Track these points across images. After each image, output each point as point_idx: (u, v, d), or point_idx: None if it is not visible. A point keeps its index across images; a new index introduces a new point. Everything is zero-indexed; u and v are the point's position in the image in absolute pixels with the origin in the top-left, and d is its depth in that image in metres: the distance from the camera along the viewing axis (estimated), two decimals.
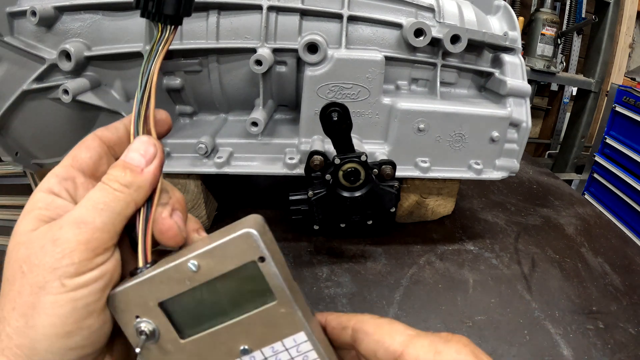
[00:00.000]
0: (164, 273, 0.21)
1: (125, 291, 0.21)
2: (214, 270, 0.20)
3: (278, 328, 0.22)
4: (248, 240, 0.20)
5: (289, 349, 0.22)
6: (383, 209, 0.52)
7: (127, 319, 0.21)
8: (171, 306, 0.21)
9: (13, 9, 0.48)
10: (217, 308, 0.21)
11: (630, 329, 0.48)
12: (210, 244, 0.20)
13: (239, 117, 0.59)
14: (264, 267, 0.20)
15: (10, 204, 1.17)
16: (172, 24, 0.26)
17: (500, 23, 0.59)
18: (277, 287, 0.21)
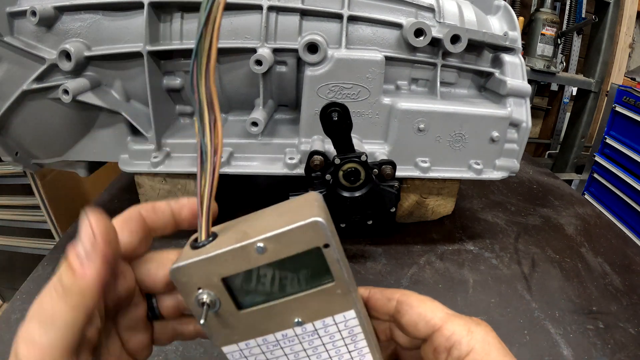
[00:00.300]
0: (230, 252, 0.21)
1: (190, 265, 0.22)
2: (279, 253, 0.21)
3: (331, 305, 0.23)
4: (316, 228, 0.21)
5: (337, 324, 0.24)
6: (383, 209, 0.52)
7: (189, 291, 0.22)
8: (233, 281, 0.22)
9: (13, 9, 0.48)
10: (276, 285, 0.23)
11: (630, 329, 0.48)
12: (279, 229, 0.21)
13: (239, 117, 0.59)
14: (327, 253, 0.22)
15: (10, 204, 1.17)
16: None
17: (500, 23, 0.59)
18: (337, 271, 0.22)
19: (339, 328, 0.24)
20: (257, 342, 0.24)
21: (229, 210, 0.69)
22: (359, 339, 0.25)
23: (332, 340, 0.25)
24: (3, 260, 1.29)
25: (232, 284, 0.22)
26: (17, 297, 0.48)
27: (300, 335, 0.24)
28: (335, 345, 0.25)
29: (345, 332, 0.24)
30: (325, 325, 0.24)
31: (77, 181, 1.21)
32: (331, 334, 0.24)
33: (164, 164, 0.54)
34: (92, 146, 0.57)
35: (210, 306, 0.22)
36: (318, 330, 0.24)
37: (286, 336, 0.24)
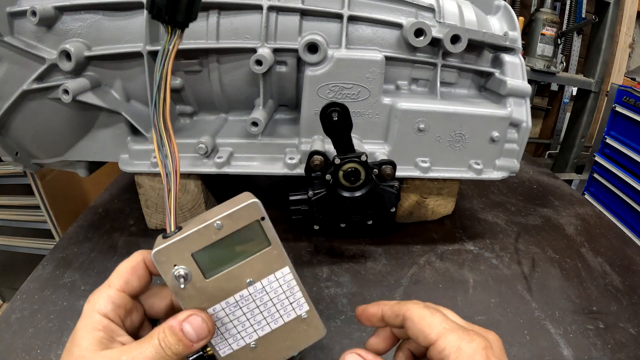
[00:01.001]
0: (197, 232, 0.29)
1: (168, 247, 0.29)
2: (232, 227, 0.30)
3: (271, 264, 0.31)
4: (255, 207, 0.30)
5: (278, 279, 0.32)
6: (383, 209, 0.52)
7: (167, 268, 0.29)
8: (199, 256, 0.29)
9: (13, 9, 0.48)
10: (231, 254, 0.30)
11: (630, 329, 0.48)
12: (229, 210, 0.29)
13: (239, 117, 0.59)
14: (264, 224, 0.30)
15: (10, 204, 1.17)
16: (180, 27, 0.31)
17: (500, 23, 0.59)
18: (272, 236, 0.31)
19: (279, 283, 0.32)
20: (221, 306, 0.31)
21: None
22: (295, 291, 0.32)
23: (277, 294, 0.32)
24: (3, 260, 1.29)
25: (199, 259, 0.30)
26: (17, 297, 0.48)
27: (253, 294, 0.31)
28: (280, 299, 0.32)
29: (285, 285, 0.32)
30: (270, 282, 0.32)
31: (77, 181, 1.21)
32: (275, 289, 0.32)
33: None
34: (92, 146, 0.57)
35: (185, 278, 0.29)
36: (265, 287, 0.32)
37: (242, 296, 0.31)
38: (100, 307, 0.29)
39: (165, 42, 0.30)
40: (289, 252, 0.57)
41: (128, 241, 0.59)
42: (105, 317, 0.29)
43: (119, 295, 0.30)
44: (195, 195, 0.57)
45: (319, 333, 0.34)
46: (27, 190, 1.11)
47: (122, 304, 0.30)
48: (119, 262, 0.54)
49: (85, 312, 0.29)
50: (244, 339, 0.32)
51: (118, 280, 0.30)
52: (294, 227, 0.62)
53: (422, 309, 0.30)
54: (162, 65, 0.30)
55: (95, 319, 0.29)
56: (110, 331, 0.29)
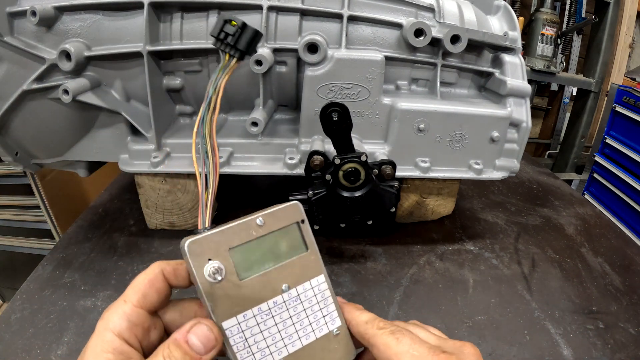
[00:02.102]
0: (238, 225, 0.28)
1: (206, 238, 0.27)
2: (273, 225, 0.29)
3: (308, 270, 0.30)
4: (296, 208, 0.30)
5: (313, 287, 0.30)
6: (383, 209, 0.52)
7: (201, 262, 0.27)
8: (236, 253, 0.28)
9: (13, 9, 0.48)
10: (268, 255, 0.29)
11: (630, 329, 0.48)
12: (272, 209, 0.30)
13: (239, 117, 0.59)
14: (303, 227, 0.30)
15: (10, 204, 1.17)
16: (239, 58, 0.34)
17: (500, 23, 0.59)
18: (310, 241, 0.30)
19: (314, 292, 0.30)
20: (253, 313, 0.28)
21: (229, 210, 0.69)
22: (329, 302, 0.31)
23: (311, 304, 0.30)
24: (3, 260, 1.29)
25: (236, 256, 0.28)
26: (17, 297, 0.48)
27: (287, 302, 0.29)
28: (313, 310, 0.30)
29: (320, 295, 0.31)
30: (305, 290, 0.30)
31: (77, 181, 1.21)
32: (309, 298, 0.30)
33: (164, 164, 0.54)
34: (92, 146, 0.57)
35: (220, 274, 0.27)
36: (300, 294, 0.30)
37: (276, 303, 0.29)
38: (115, 326, 0.26)
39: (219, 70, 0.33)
40: None
41: (128, 241, 0.59)
42: (119, 336, 0.26)
43: (136, 312, 0.27)
44: (195, 195, 0.57)
45: (349, 355, 0.31)
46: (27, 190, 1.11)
47: (138, 321, 0.27)
48: (119, 262, 0.54)
49: (98, 330, 0.26)
50: (272, 355, 0.29)
51: (135, 295, 0.27)
52: None
53: (387, 335, 0.29)
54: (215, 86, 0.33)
55: (106, 339, 0.26)
56: (120, 354, 0.26)
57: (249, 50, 0.34)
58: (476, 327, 0.47)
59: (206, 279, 0.27)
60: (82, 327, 0.45)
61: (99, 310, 0.47)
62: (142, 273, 0.28)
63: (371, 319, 0.32)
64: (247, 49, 0.34)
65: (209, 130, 0.33)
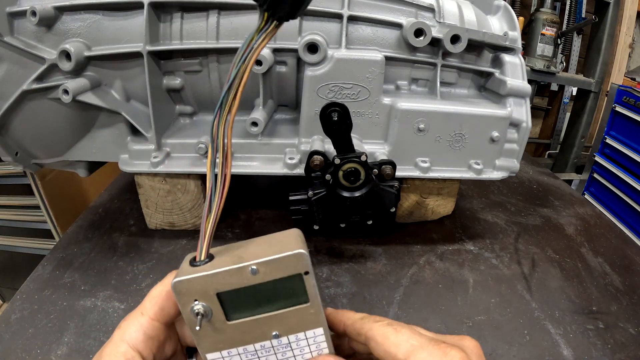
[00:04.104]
0: (228, 271, 0.25)
1: (191, 280, 0.25)
2: (269, 275, 0.26)
3: (304, 322, 0.27)
4: (300, 258, 0.26)
5: (308, 338, 0.28)
6: (383, 209, 0.52)
7: (187, 301, 0.26)
8: (225, 295, 0.26)
9: (13, 9, 0.48)
10: (262, 302, 0.27)
11: (630, 329, 0.48)
12: (271, 256, 0.26)
13: (239, 117, 0.59)
14: (306, 279, 0.26)
15: (10, 203, 1.17)
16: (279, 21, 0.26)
17: (500, 23, 0.59)
18: (312, 294, 0.27)
19: (308, 342, 0.28)
20: (238, 351, 0.28)
21: (229, 210, 0.69)
22: (324, 353, 0.29)
23: (302, 353, 0.29)
24: (3, 260, 1.29)
25: (225, 298, 0.26)
26: (17, 297, 0.48)
27: (275, 347, 0.28)
28: (304, 358, 0.29)
29: (314, 346, 0.29)
30: (298, 340, 0.28)
31: (77, 181, 1.20)
32: (301, 347, 0.28)
33: (163, 164, 0.54)
34: (92, 146, 0.57)
35: (204, 315, 0.26)
36: (291, 343, 0.28)
37: (264, 347, 0.28)
38: (131, 338, 0.26)
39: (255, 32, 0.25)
40: None
41: (128, 241, 0.59)
42: (134, 349, 0.26)
43: (153, 325, 0.27)
44: (195, 195, 0.57)
45: None
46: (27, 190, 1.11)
47: (155, 335, 0.27)
48: (119, 262, 0.54)
49: (114, 339, 0.27)
50: None
51: (152, 308, 0.27)
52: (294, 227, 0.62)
53: (384, 326, 0.28)
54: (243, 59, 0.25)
55: (120, 350, 0.26)
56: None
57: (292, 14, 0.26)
58: (476, 327, 0.47)
59: (191, 318, 0.26)
60: (82, 327, 0.45)
61: (99, 310, 0.47)
62: (159, 284, 0.28)
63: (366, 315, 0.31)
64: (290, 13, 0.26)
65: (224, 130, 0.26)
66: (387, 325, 0.28)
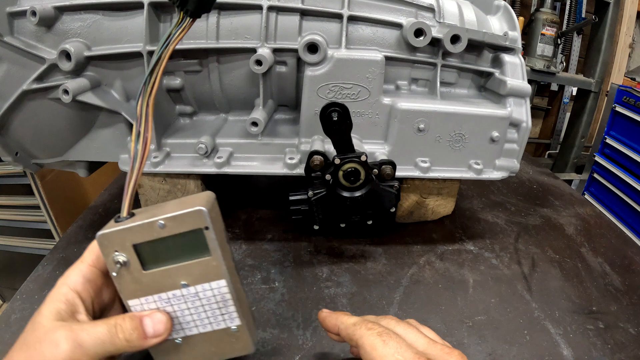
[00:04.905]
0: (140, 225, 0.30)
1: (111, 233, 0.30)
2: (174, 229, 0.30)
3: (209, 274, 0.31)
4: (200, 214, 0.30)
5: (212, 289, 0.32)
6: (383, 209, 0.52)
7: (109, 252, 0.30)
8: (140, 247, 0.30)
9: (13, 9, 0.48)
10: (171, 254, 0.31)
11: (630, 329, 0.48)
12: (176, 212, 0.30)
13: (239, 117, 0.59)
14: (207, 233, 0.30)
15: (10, 203, 1.17)
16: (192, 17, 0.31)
17: (500, 23, 0.59)
18: (213, 248, 0.31)
19: (213, 293, 0.32)
20: (153, 299, 0.32)
21: (229, 210, 0.69)
22: (229, 304, 0.33)
23: (209, 302, 0.32)
24: (3, 260, 1.29)
25: (140, 250, 0.30)
26: (17, 297, 0.48)
27: (185, 296, 0.32)
28: (211, 307, 0.33)
29: (219, 297, 0.32)
30: (204, 290, 0.32)
31: (77, 181, 1.21)
32: (208, 297, 0.32)
33: (163, 164, 0.54)
34: (92, 146, 0.57)
35: (123, 264, 0.30)
36: (199, 293, 0.32)
37: (175, 295, 0.32)
38: (71, 281, 0.30)
39: (173, 27, 0.31)
40: (288, 252, 0.57)
41: None
42: (73, 290, 0.30)
43: (90, 270, 0.31)
44: None
45: (246, 349, 0.35)
46: (27, 190, 1.11)
47: (92, 278, 0.31)
48: None
49: (57, 284, 0.31)
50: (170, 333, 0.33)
51: (90, 256, 0.32)
52: (294, 227, 0.62)
53: (374, 336, 0.30)
54: (163, 48, 0.31)
55: (62, 291, 0.30)
56: (72, 306, 0.30)
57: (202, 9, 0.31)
58: (476, 327, 0.47)
59: (112, 266, 0.30)
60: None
61: None
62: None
63: (359, 321, 0.33)
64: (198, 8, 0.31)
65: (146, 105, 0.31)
66: (376, 336, 0.30)
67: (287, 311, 0.47)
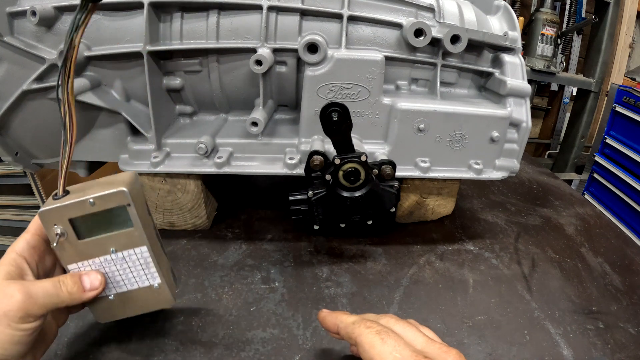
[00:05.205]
0: (74, 203, 0.35)
1: (50, 210, 0.35)
2: (102, 205, 0.36)
3: (133, 241, 0.38)
4: (123, 194, 0.36)
5: (137, 254, 0.39)
6: (383, 209, 0.52)
7: (49, 226, 0.35)
8: (75, 221, 0.36)
9: (13, 9, 0.48)
10: (101, 225, 0.37)
11: (630, 329, 0.48)
12: (103, 192, 0.35)
13: (239, 117, 0.59)
14: (129, 209, 0.36)
15: (10, 203, 1.17)
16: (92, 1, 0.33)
17: (500, 23, 0.59)
18: (134, 220, 0.37)
19: (137, 257, 0.39)
20: (88, 263, 0.38)
21: (229, 210, 0.69)
22: (150, 266, 0.39)
23: (134, 264, 0.39)
24: None
25: (76, 223, 0.36)
26: None
27: (114, 260, 0.38)
28: (137, 269, 0.39)
29: (142, 260, 0.39)
30: (130, 255, 0.38)
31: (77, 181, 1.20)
32: (133, 260, 0.39)
33: (164, 164, 0.54)
34: (92, 146, 0.57)
35: (61, 235, 0.35)
36: (125, 257, 0.38)
37: (106, 260, 0.38)
38: (18, 247, 0.35)
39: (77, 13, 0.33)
40: (288, 252, 0.57)
41: None
42: (20, 255, 0.34)
43: (34, 238, 0.36)
44: (195, 195, 0.57)
45: (167, 302, 0.42)
46: (27, 190, 1.11)
47: (36, 244, 0.36)
48: None
49: (6, 252, 0.35)
50: (104, 290, 0.39)
51: (33, 226, 0.36)
52: (294, 227, 0.62)
53: (373, 335, 0.30)
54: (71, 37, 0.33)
55: (11, 257, 0.34)
56: (20, 269, 0.34)
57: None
58: (476, 327, 0.47)
59: (54, 236, 0.35)
60: (82, 327, 0.45)
61: None
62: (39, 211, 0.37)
63: (358, 320, 0.33)
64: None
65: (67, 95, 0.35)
66: (375, 334, 0.30)
67: (287, 311, 0.47)
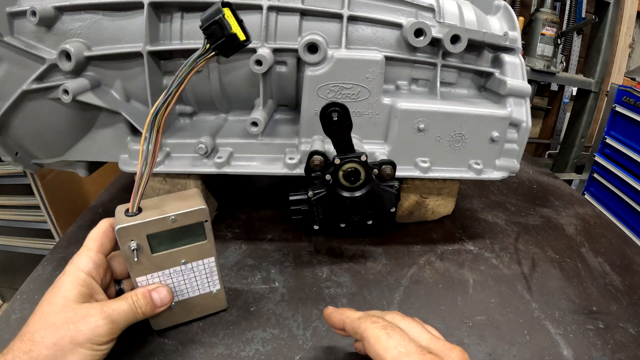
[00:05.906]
0: (156, 220, 0.37)
1: (130, 226, 0.37)
2: (183, 222, 0.38)
3: (203, 253, 0.41)
4: (203, 211, 0.39)
5: (204, 264, 0.42)
6: (383, 209, 0.52)
7: (125, 242, 0.37)
8: (152, 236, 0.38)
9: (13, 9, 0.48)
10: (176, 240, 0.39)
11: (630, 329, 0.48)
12: (184, 209, 0.38)
13: (239, 117, 0.59)
14: (206, 225, 0.40)
15: (10, 204, 1.17)
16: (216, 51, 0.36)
17: (500, 23, 0.59)
18: (209, 234, 0.40)
19: (204, 267, 0.42)
20: (157, 275, 0.40)
21: (229, 210, 0.69)
22: (214, 274, 0.43)
23: (200, 274, 0.42)
24: (3, 260, 1.29)
25: (151, 239, 0.38)
26: (17, 297, 0.48)
27: (183, 271, 0.41)
28: (201, 277, 0.43)
29: (208, 269, 0.42)
30: (198, 265, 0.42)
31: (77, 181, 1.21)
32: (200, 270, 0.42)
33: (163, 164, 0.54)
34: (92, 146, 0.57)
35: (138, 250, 0.37)
36: (194, 267, 0.42)
37: (175, 271, 0.41)
38: (85, 267, 0.35)
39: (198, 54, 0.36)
40: (288, 252, 0.58)
41: None
42: (88, 275, 0.35)
43: (98, 256, 0.36)
44: None
45: (222, 306, 0.46)
46: (27, 190, 1.11)
47: (100, 263, 0.37)
48: None
49: (70, 271, 0.35)
50: None
51: (94, 244, 0.37)
52: (294, 227, 0.62)
53: (378, 329, 0.31)
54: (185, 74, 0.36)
55: (80, 277, 0.35)
56: (91, 289, 0.35)
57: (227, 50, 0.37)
58: (476, 327, 0.47)
59: (128, 253, 0.37)
60: None
61: None
62: (95, 228, 0.38)
63: (364, 315, 0.34)
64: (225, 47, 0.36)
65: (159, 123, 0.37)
66: (381, 329, 0.31)
67: (287, 311, 0.47)
